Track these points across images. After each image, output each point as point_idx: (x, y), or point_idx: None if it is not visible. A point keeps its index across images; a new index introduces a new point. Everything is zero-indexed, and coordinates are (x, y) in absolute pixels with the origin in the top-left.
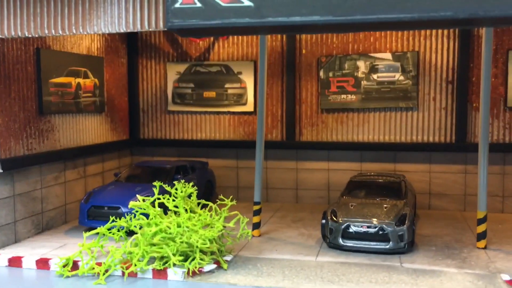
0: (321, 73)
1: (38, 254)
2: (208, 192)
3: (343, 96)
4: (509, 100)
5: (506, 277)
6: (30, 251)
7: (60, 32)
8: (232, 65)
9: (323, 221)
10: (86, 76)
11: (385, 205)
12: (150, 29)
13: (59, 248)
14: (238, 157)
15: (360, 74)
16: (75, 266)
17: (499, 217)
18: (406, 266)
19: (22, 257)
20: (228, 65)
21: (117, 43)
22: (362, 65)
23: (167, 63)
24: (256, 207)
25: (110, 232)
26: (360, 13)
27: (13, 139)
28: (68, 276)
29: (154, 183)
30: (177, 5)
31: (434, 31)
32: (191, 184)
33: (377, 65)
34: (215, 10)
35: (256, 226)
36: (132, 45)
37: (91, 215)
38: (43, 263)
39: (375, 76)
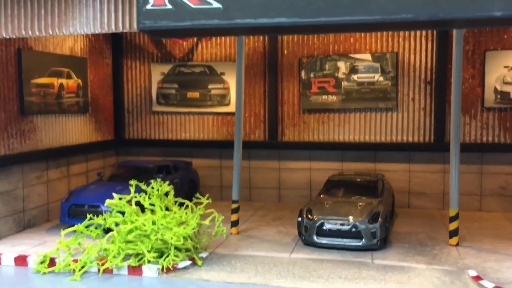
0: (303, 74)
1: (17, 251)
2: (191, 191)
3: (324, 96)
4: (486, 100)
5: (473, 273)
6: (9, 248)
7: (37, 33)
8: (215, 66)
9: (299, 219)
10: (69, 77)
11: (359, 204)
12: (124, 30)
13: (39, 246)
14: (222, 157)
15: (340, 75)
16: (52, 262)
17: (476, 216)
18: (376, 262)
19: (1, 254)
20: (211, 66)
21: (101, 43)
22: (342, 66)
23: (151, 63)
24: (234, 206)
25: (87, 230)
26: (325, 15)
27: None
28: (45, 273)
29: (131, 182)
30: (148, 6)
31: (412, 32)
32: (167, 183)
33: (357, 66)
34: (185, 12)
35: (234, 224)
36: (116, 45)
37: (72, 213)
38: (21, 260)
39: (355, 77)
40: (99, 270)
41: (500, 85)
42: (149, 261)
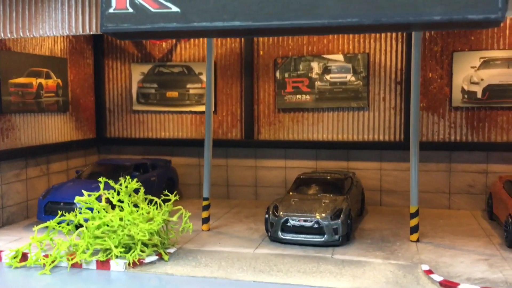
0: (278, 74)
1: None
2: (169, 189)
3: (298, 96)
4: (454, 100)
5: (426, 267)
6: None
7: (9, 35)
8: (193, 66)
9: (266, 216)
10: (48, 77)
11: (324, 201)
12: (91, 33)
13: (14, 241)
14: (200, 155)
15: (314, 75)
16: (24, 257)
17: (445, 213)
18: (336, 257)
19: None
20: (189, 66)
21: (83, 44)
22: (316, 66)
23: (131, 64)
24: (205, 203)
25: (59, 226)
26: (277, 19)
27: None
28: (17, 267)
29: (99, 179)
30: (111, 10)
31: (383, 34)
32: (135, 180)
33: (330, 66)
34: (145, 15)
35: (205, 221)
36: (98, 46)
37: (48, 210)
38: None
39: (328, 77)
40: (71, 264)
41: (467, 85)
42: (116, 256)
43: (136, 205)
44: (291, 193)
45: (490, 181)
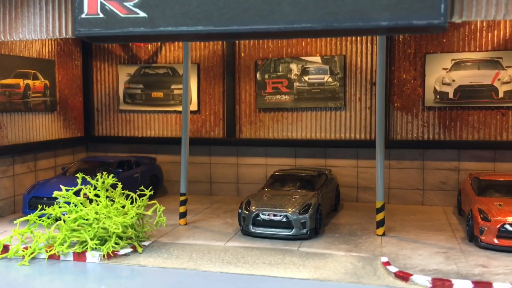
0: (258, 75)
1: None
2: (154, 185)
3: (278, 96)
4: (427, 100)
5: (385, 259)
6: None
7: None
8: (177, 68)
9: (239, 210)
10: (35, 78)
11: (295, 196)
12: (67, 36)
13: (0, 234)
14: None
15: (293, 76)
16: (5, 249)
17: (418, 209)
18: (302, 250)
19: None
20: (174, 67)
21: (71, 46)
22: (294, 68)
23: (118, 65)
24: (181, 198)
25: (40, 220)
26: (236, 24)
27: None
28: None
29: (77, 175)
30: (83, 15)
31: (359, 37)
32: (111, 176)
33: (308, 67)
34: (115, 20)
35: (182, 215)
36: (86, 48)
37: (32, 205)
38: None
39: (306, 78)
40: (49, 256)
41: (439, 85)
42: (92, 248)
43: (113, 200)
44: (265, 189)
45: (461, 178)
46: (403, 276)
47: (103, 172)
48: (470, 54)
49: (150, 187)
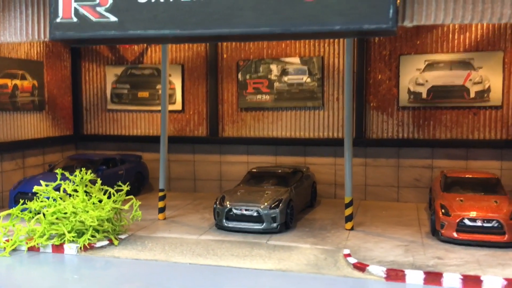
0: (240, 76)
1: None
2: (139, 182)
3: (259, 96)
4: (401, 100)
5: (347, 251)
6: None
7: None
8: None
9: (214, 205)
10: (23, 78)
11: (267, 192)
12: (45, 39)
13: None
14: (169, 151)
15: (273, 77)
16: None
17: (393, 205)
18: (270, 243)
19: None
20: (159, 68)
21: (60, 48)
22: (274, 69)
23: (106, 66)
24: (160, 194)
25: (22, 214)
26: (201, 28)
27: None
28: None
29: (56, 171)
30: (58, 20)
31: (337, 39)
32: (89, 171)
33: (287, 68)
34: (87, 24)
35: (161, 210)
36: (75, 50)
37: (18, 200)
38: None
39: (286, 78)
40: (29, 248)
41: (413, 86)
42: (69, 241)
43: (91, 195)
44: (240, 185)
45: (435, 176)
46: (360, 266)
47: (82, 169)
48: (442, 55)
49: (127, 183)
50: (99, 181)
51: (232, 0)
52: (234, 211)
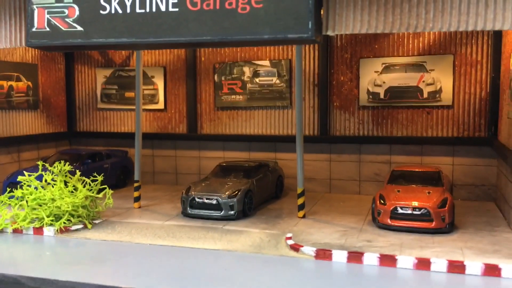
0: (216, 77)
1: None
2: (124, 175)
3: (233, 96)
4: (361, 100)
5: (289, 235)
6: None
7: None
8: (147, 70)
9: (182, 195)
10: (18, 80)
11: (228, 183)
12: (25, 46)
13: None
14: (154, 147)
15: (245, 78)
16: None
17: (354, 198)
18: (225, 228)
19: None
20: (144, 70)
21: (54, 52)
22: (247, 71)
23: (96, 68)
24: (136, 184)
25: (9, 200)
26: (153, 36)
27: None
28: None
29: (38, 163)
30: (34, 29)
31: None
32: (67, 164)
33: (259, 70)
34: (58, 33)
35: (136, 199)
36: (69, 53)
37: (9, 189)
38: None
39: (257, 80)
40: (13, 230)
41: (372, 87)
42: (48, 224)
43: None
44: (208, 177)
45: None
46: (295, 247)
47: (61, 161)
48: (398, 59)
49: (102, 174)
50: (78, 172)
51: (178, 12)
52: (197, 199)
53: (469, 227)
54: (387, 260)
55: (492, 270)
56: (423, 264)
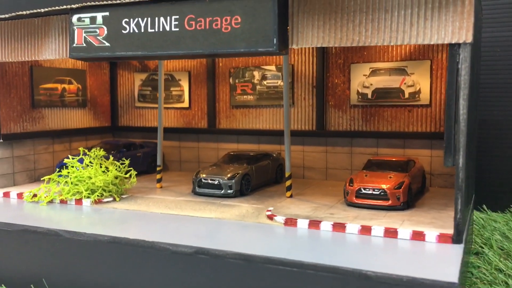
0: (231, 80)
1: (20, 191)
2: (154, 163)
3: (245, 96)
4: (352, 100)
5: (270, 208)
6: (17, 190)
7: (12, 59)
8: (175, 74)
9: (193, 177)
10: (70, 83)
11: (230, 168)
12: (69, 57)
13: (34, 188)
14: (180, 139)
15: (255, 81)
16: (35, 196)
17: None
18: (222, 203)
19: (10, 192)
20: (172, 74)
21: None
22: (256, 74)
23: (134, 73)
24: (158, 168)
25: (58, 178)
26: (159, 50)
27: (12, 123)
28: (29, 201)
29: (79, 149)
30: (74, 44)
31: (303, 50)
32: (101, 149)
33: (266, 74)
34: (92, 48)
35: (158, 181)
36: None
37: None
38: (19, 195)
39: (265, 82)
40: (60, 201)
41: (361, 88)
42: (85, 196)
43: (100, 166)
44: (216, 163)
45: None
46: (271, 217)
47: (97, 148)
48: (383, 64)
49: (129, 159)
50: (111, 157)
51: (178, 31)
52: (203, 180)
53: (424, 207)
54: (338, 227)
55: (417, 235)
56: (365, 230)
